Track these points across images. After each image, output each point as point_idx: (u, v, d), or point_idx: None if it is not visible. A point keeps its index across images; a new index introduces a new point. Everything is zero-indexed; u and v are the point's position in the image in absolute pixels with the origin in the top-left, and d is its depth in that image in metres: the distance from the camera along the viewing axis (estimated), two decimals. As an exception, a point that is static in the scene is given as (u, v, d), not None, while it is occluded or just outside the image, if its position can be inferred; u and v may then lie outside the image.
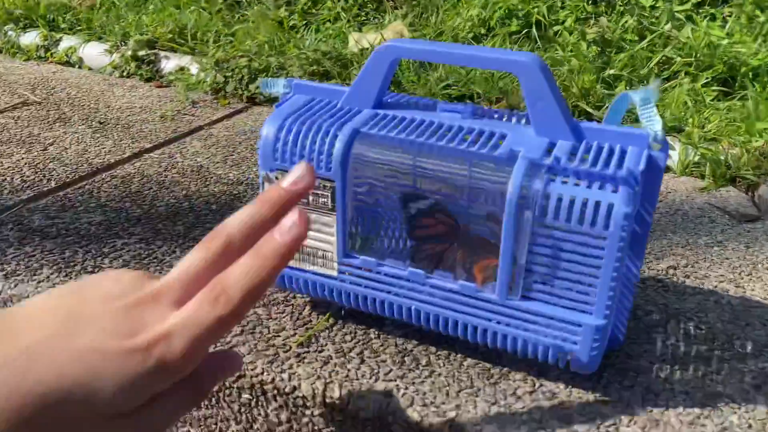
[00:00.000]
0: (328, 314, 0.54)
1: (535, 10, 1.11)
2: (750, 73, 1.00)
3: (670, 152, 0.82)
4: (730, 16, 1.12)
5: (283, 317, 0.54)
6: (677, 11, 1.11)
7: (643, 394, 0.47)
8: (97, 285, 0.29)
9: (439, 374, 0.48)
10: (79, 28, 1.30)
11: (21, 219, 0.69)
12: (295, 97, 0.52)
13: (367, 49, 1.07)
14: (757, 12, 1.13)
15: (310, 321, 0.54)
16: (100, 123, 0.96)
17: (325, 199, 0.47)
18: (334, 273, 0.50)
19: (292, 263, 0.51)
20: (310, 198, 0.48)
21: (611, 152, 0.43)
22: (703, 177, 0.83)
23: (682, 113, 0.92)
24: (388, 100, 0.52)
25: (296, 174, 0.32)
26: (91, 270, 0.60)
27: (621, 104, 0.46)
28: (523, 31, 1.10)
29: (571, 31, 1.08)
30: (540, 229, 0.41)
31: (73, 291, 0.29)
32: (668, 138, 0.88)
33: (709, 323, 0.55)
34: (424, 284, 0.47)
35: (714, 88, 0.99)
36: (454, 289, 0.46)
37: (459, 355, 0.50)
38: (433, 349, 0.51)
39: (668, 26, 1.02)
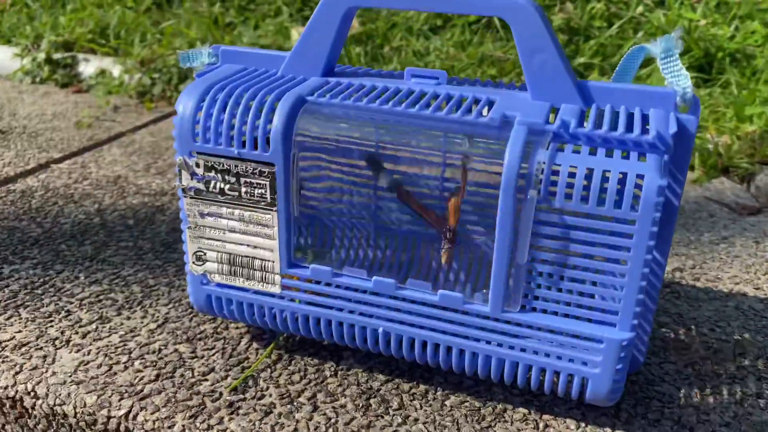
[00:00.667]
0: (269, 347, 0.42)
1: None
2: (727, 58, 0.94)
3: None
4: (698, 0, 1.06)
5: (212, 355, 0.42)
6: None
7: (675, 430, 0.37)
8: None
9: (416, 420, 0.37)
10: (-15, 31, 1.16)
11: None
12: (223, 67, 0.40)
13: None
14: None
15: (247, 358, 0.42)
16: (2, 132, 0.82)
17: (262, 190, 0.36)
18: (277, 289, 0.38)
19: (219, 279, 0.39)
20: (243, 190, 0.36)
21: (630, 116, 0.33)
22: (693, 168, 0.75)
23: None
24: (342, 70, 0.41)
25: None
26: (-38, 306, 0.47)
27: (633, 61, 0.37)
28: (483, 20, 1.01)
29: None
30: (547, 216, 0.31)
31: None
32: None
33: (733, 333, 0.46)
34: (395, 297, 0.36)
35: (692, 74, 0.92)
36: (434, 302, 0.35)
37: (440, 393, 0.39)
38: (406, 386, 0.39)
39: (639, 9, 0.94)
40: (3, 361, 0.41)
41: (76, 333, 0.44)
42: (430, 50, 0.94)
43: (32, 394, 0.38)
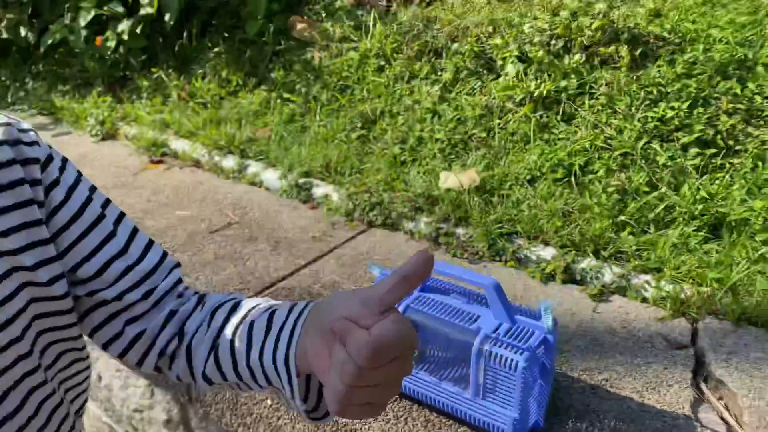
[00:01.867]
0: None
1: (577, 162, 1.52)
2: (733, 222, 1.34)
3: (647, 287, 1.21)
4: (732, 168, 1.46)
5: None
6: (689, 164, 1.47)
7: (547, 455, 0.90)
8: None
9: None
10: (260, 157, 1.90)
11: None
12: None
13: (450, 189, 1.54)
14: (758, 163, 1.45)
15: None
16: (276, 242, 1.52)
17: None
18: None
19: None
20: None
21: (527, 333, 0.87)
22: (665, 308, 1.20)
23: (667, 255, 1.29)
24: (429, 285, 0.99)
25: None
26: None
27: (546, 308, 0.90)
28: (565, 179, 1.51)
29: (600, 180, 1.47)
30: (488, 367, 0.87)
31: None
32: (647, 276, 1.26)
33: (612, 419, 0.96)
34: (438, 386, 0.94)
35: (702, 233, 1.34)
36: (455, 391, 0.92)
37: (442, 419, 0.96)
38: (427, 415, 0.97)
39: (671, 180, 1.39)
40: None
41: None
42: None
43: None
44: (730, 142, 1.50)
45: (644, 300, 1.25)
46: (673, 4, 1.80)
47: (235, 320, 0.57)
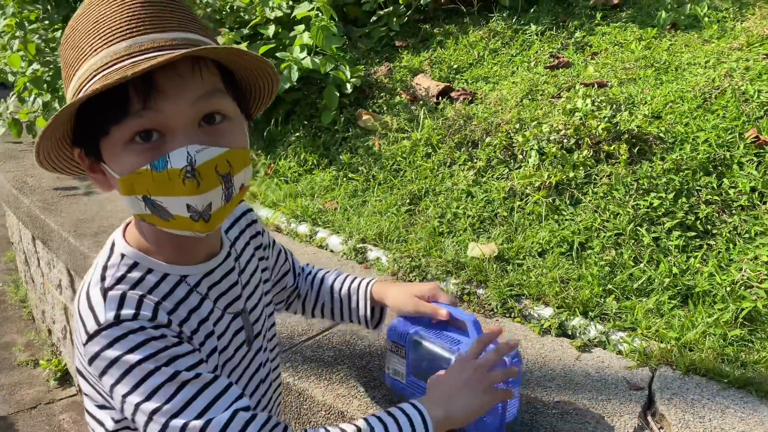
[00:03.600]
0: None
1: (578, 239, 1.88)
2: (700, 292, 1.66)
3: (622, 342, 1.54)
4: (708, 248, 1.77)
5: None
6: (672, 244, 1.79)
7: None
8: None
9: None
10: (328, 225, 2.35)
11: (301, 350, 1.66)
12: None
13: (474, 257, 1.92)
14: (730, 245, 1.76)
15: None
16: (335, 295, 1.94)
17: (401, 352, 1.34)
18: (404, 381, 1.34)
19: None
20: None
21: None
22: (633, 359, 1.53)
23: (641, 318, 1.62)
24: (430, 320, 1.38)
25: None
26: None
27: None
28: (568, 253, 1.87)
29: (596, 254, 1.82)
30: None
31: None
32: (623, 334, 1.59)
33: (568, 435, 1.30)
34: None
35: (675, 302, 1.66)
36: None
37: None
38: None
39: (652, 257, 1.73)
40: None
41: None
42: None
43: None
44: (708, 227, 1.82)
45: (619, 352, 1.58)
46: (671, 108, 2.16)
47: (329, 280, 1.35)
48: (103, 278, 0.85)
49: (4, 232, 4.76)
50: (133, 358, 0.80)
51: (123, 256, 0.89)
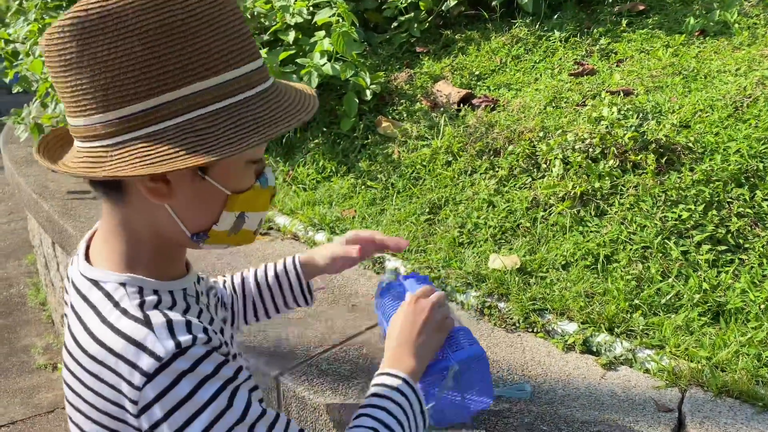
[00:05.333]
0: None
1: (604, 252, 1.82)
2: (732, 310, 1.59)
3: (650, 360, 1.48)
4: (740, 263, 1.70)
5: None
6: (701, 258, 1.73)
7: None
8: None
9: None
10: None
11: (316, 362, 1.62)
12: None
13: (495, 270, 1.87)
14: (763, 260, 1.69)
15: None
16: (352, 305, 1.91)
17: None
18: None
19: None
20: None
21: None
22: (662, 379, 1.47)
23: (669, 335, 1.56)
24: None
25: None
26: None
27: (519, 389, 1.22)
28: (592, 266, 1.81)
29: (622, 268, 1.76)
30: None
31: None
32: (651, 352, 1.53)
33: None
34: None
35: (705, 319, 1.60)
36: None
37: None
38: None
39: (681, 272, 1.66)
40: None
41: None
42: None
43: None
44: (740, 240, 1.75)
45: (647, 371, 1.52)
46: (700, 117, 2.10)
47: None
48: (124, 312, 0.76)
49: (25, 235, 4.81)
50: (205, 395, 0.73)
51: (124, 285, 0.80)
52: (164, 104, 0.73)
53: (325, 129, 2.90)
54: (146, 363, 0.72)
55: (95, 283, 0.81)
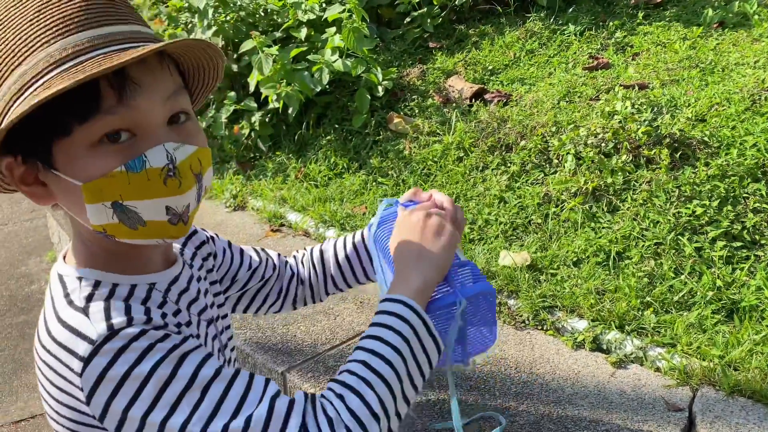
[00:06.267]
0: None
1: (615, 249, 1.79)
2: (746, 307, 1.55)
3: (661, 359, 1.45)
4: (756, 259, 1.66)
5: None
6: (715, 255, 1.69)
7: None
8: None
9: None
10: (356, 230, 2.31)
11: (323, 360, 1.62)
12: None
13: (505, 266, 1.85)
14: (781, 256, 1.65)
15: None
16: (360, 302, 1.90)
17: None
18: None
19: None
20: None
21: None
22: (673, 378, 1.44)
23: (681, 333, 1.53)
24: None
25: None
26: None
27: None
28: (604, 263, 1.78)
29: (634, 265, 1.73)
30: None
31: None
32: (662, 350, 1.50)
33: None
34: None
35: (718, 316, 1.56)
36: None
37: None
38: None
39: (694, 269, 1.63)
40: None
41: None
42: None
43: None
44: (756, 237, 1.71)
45: (657, 369, 1.49)
46: (717, 110, 2.05)
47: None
48: (70, 302, 0.75)
49: (46, 232, 4.88)
50: (144, 368, 0.70)
51: (81, 279, 0.78)
52: None
53: (337, 126, 2.90)
54: (82, 348, 0.71)
55: (60, 278, 0.80)
